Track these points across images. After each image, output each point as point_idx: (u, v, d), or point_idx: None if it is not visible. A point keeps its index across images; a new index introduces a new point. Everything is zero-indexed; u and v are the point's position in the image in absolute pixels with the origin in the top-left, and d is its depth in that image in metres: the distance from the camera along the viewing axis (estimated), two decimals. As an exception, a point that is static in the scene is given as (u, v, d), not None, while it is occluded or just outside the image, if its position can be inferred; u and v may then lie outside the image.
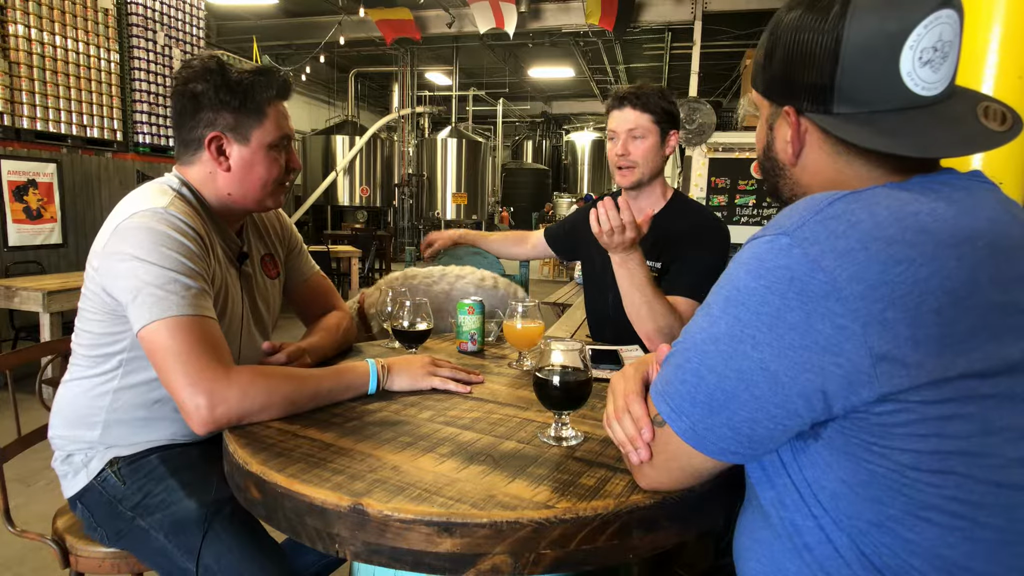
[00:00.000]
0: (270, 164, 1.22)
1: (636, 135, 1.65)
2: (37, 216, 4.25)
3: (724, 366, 0.64)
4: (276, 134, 1.22)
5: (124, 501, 1.16)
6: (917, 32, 0.64)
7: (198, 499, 1.12)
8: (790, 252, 0.61)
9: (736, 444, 0.66)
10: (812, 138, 0.73)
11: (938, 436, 0.59)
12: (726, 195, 10.15)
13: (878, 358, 0.57)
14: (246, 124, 1.19)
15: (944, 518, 0.60)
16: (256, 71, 1.19)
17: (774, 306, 0.60)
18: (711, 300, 0.68)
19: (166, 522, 1.11)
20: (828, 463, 0.64)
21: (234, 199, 1.23)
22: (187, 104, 1.17)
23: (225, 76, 1.16)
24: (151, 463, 1.19)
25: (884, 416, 0.59)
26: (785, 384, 0.61)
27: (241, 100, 1.17)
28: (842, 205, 0.62)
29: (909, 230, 0.59)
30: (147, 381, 1.18)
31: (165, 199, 1.12)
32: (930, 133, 0.66)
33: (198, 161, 1.21)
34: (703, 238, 1.63)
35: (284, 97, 1.23)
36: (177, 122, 1.20)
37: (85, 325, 1.17)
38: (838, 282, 0.58)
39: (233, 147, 1.19)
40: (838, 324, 0.58)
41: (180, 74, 1.18)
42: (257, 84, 1.18)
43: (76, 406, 1.20)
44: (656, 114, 1.65)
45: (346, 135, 11.97)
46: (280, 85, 1.21)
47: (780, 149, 0.77)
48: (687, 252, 1.61)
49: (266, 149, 1.21)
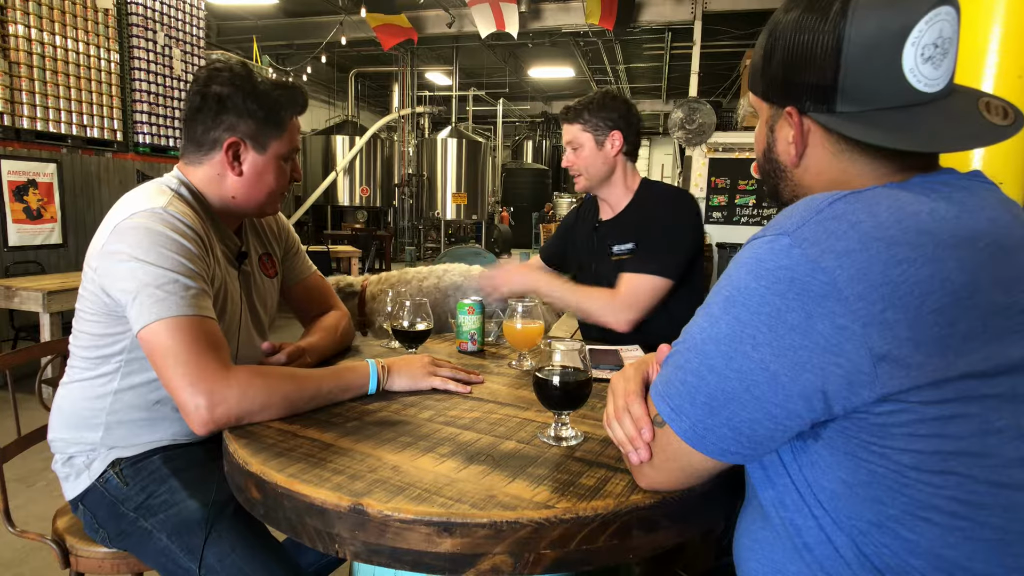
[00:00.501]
0: (280, 174, 1.26)
1: (574, 146, 1.81)
2: (37, 216, 4.25)
3: (724, 366, 0.64)
4: (290, 147, 1.26)
5: (127, 502, 1.16)
6: (919, 29, 0.64)
7: (201, 499, 1.12)
8: (790, 252, 0.60)
9: (736, 444, 0.66)
10: (815, 138, 0.73)
11: (939, 436, 0.59)
12: (726, 195, 10.16)
13: (878, 358, 0.57)
14: (266, 134, 1.21)
15: (944, 518, 0.60)
16: (282, 86, 1.24)
17: (774, 306, 0.60)
18: (711, 300, 0.68)
19: (169, 522, 1.11)
20: (828, 463, 0.64)
21: (238, 203, 1.24)
22: (210, 105, 1.17)
23: (254, 86, 1.18)
24: (153, 463, 1.19)
25: (884, 416, 0.59)
26: (785, 384, 0.61)
27: (266, 112, 1.20)
28: (842, 205, 0.62)
29: (910, 231, 0.59)
30: (147, 382, 1.17)
31: (163, 199, 1.12)
32: (937, 129, 0.66)
33: (208, 162, 1.21)
34: (668, 210, 1.76)
35: (302, 113, 1.28)
36: (192, 120, 1.20)
37: (83, 327, 1.17)
38: (838, 282, 0.58)
39: (249, 154, 1.21)
40: (838, 324, 0.58)
41: (207, 74, 1.18)
42: (283, 99, 1.22)
43: (76, 408, 1.20)
44: (584, 122, 1.78)
45: (346, 135, 11.96)
46: (303, 103, 1.26)
47: (782, 151, 0.76)
48: (650, 233, 1.73)
49: (279, 160, 1.24)
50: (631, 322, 1.64)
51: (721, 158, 9.92)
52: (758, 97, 0.78)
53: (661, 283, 1.66)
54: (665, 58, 12.03)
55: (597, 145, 1.78)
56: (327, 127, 12.67)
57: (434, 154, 12.45)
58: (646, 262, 1.69)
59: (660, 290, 1.67)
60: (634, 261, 1.72)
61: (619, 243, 1.79)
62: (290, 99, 1.23)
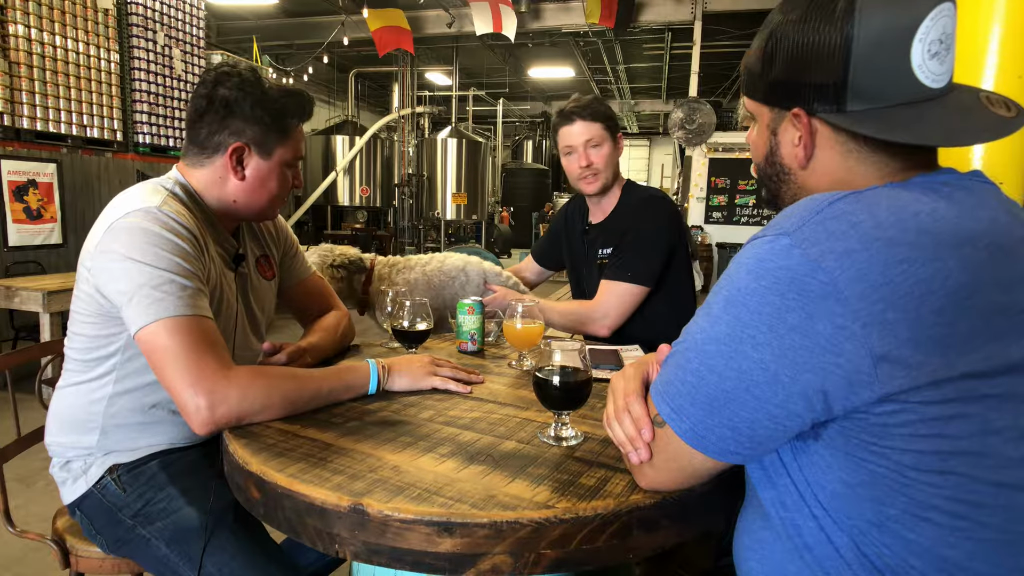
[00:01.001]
0: (282, 181, 1.26)
1: (593, 144, 1.77)
2: (37, 216, 4.25)
3: (725, 366, 0.64)
4: (294, 154, 1.26)
5: (124, 509, 1.15)
6: (925, 25, 0.64)
7: (199, 507, 1.11)
8: (790, 253, 0.60)
9: (737, 444, 0.66)
10: (822, 139, 0.72)
11: (939, 436, 0.59)
12: (726, 195, 10.17)
13: (878, 359, 0.57)
14: (272, 140, 1.21)
15: (945, 518, 0.60)
16: (289, 93, 1.23)
17: (775, 306, 0.60)
18: (711, 300, 0.68)
19: (167, 531, 1.11)
20: (828, 463, 0.64)
21: (238, 207, 1.24)
22: (217, 109, 1.17)
23: (263, 92, 1.18)
24: (151, 470, 1.18)
25: (885, 416, 0.59)
26: (785, 384, 0.61)
27: (273, 118, 1.20)
28: (843, 205, 0.62)
29: (910, 231, 0.59)
30: (142, 386, 1.16)
31: (158, 198, 1.11)
32: (949, 123, 0.66)
33: (210, 165, 1.21)
34: (642, 215, 1.79)
35: (307, 120, 1.27)
36: (197, 122, 1.19)
37: (78, 328, 1.16)
38: (839, 283, 0.58)
39: (253, 159, 1.21)
40: (838, 324, 0.58)
41: (215, 77, 1.17)
42: (291, 106, 1.22)
43: (73, 412, 1.19)
44: (603, 121, 1.77)
45: (346, 135, 11.96)
46: (309, 111, 1.26)
47: (787, 154, 0.76)
48: (626, 238, 1.76)
49: (283, 167, 1.24)
50: (609, 328, 1.71)
51: (721, 158, 9.94)
52: (757, 102, 0.78)
53: (636, 290, 1.71)
54: (665, 58, 12.03)
55: (613, 144, 1.79)
56: (327, 127, 12.66)
57: (434, 154, 12.45)
58: (621, 269, 1.73)
59: (635, 296, 1.72)
60: (611, 267, 1.75)
61: (604, 247, 1.82)
62: (297, 107, 1.23)
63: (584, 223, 1.95)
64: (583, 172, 1.78)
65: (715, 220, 10.06)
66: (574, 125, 1.77)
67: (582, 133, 1.76)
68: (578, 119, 1.76)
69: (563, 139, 1.80)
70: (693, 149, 9.69)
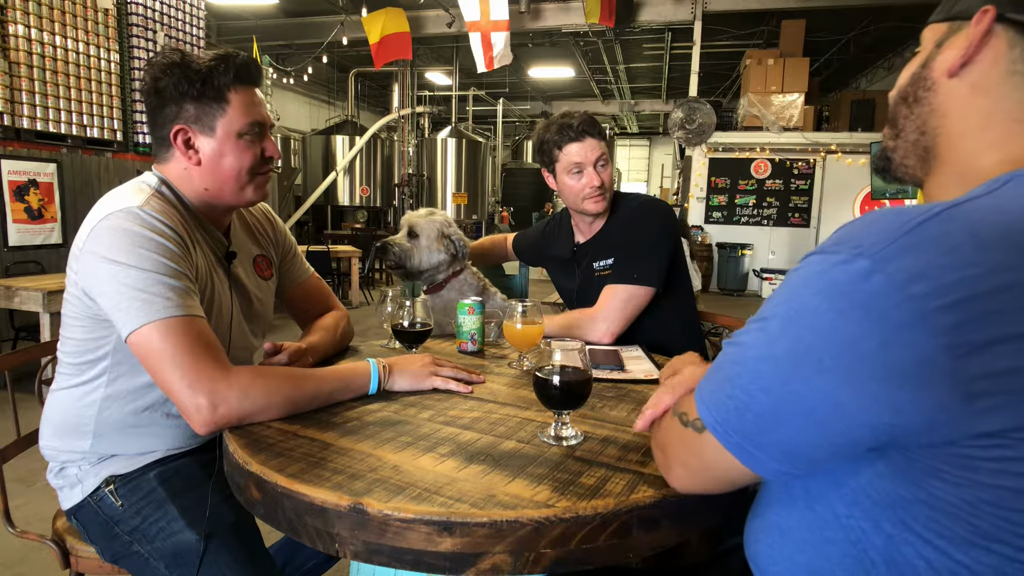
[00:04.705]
0: (241, 153, 1.17)
1: (602, 163, 1.70)
2: (38, 216, 4.25)
3: (781, 387, 0.59)
4: (244, 121, 1.16)
5: (121, 524, 1.13)
6: None
7: (198, 528, 1.10)
8: (870, 278, 0.54)
9: (790, 465, 0.62)
10: (991, 50, 0.64)
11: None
12: (726, 195, 10.17)
13: (971, 395, 0.51)
14: (209, 114, 1.14)
15: (1009, 551, 0.54)
16: (213, 57, 1.14)
17: (847, 333, 0.54)
18: (768, 315, 0.62)
19: (166, 551, 1.10)
20: (880, 473, 0.59)
21: (212, 194, 1.20)
22: (153, 100, 1.15)
23: (185, 66, 1.12)
24: (149, 483, 1.16)
25: (975, 449, 0.53)
26: (852, 414, 0.56)
27: (200, 89, 1.12)
28: (936, 225, 0.54)
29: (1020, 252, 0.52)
30: (134, 389, 1.15)
31: (140, 197, 1.09)
32: None
33: (172, 158, 1.18)
34: (644, 218, 1.74)
35: (247, 82, 1.17)
36: (149, 121, 1.18)
37: (68, 332, 1.15)
38: (926, 311, 0.51)
39: (200, 139, 1.16)
40: (924, 357, 0.51)
41: (146, 71, 1.15)
42: (214, 70, 1.13)
43: (65, 416, 1.17)
44: (605, 139, 1.74)
45: (346, 135, 11.98)
46: (238, 68, 1.15)
47: (940, 61, 0.68)
48: (628, 243, 1.72)
49: (235, 138, 1.16)
50: (612, 333, 1.62)
51: (721, 158, 9.94)
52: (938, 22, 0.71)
53: (643, 291, 1.65)
54: (665, 58, 12.03)
55: (612, 162, 1.77)
56: (327, 127, 12.68)
57: (434, 154, 12.46)
58: (625, 273, 1.67)
59: (641, 298, 1.65)
60: (614, 274, 1.70)
61: (602, 259, 1.76)
62: (223, 68, 1.13)
63: (571, 246, 1.87)
64: (593, 192, 1.68)
65: (715, 220, 10.06)
66: (584, 142, 1.67)
67: (594, 150, 1.67)
68: (588, 136, 1.67)
69: (569, 156, 1.68)
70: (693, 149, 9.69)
